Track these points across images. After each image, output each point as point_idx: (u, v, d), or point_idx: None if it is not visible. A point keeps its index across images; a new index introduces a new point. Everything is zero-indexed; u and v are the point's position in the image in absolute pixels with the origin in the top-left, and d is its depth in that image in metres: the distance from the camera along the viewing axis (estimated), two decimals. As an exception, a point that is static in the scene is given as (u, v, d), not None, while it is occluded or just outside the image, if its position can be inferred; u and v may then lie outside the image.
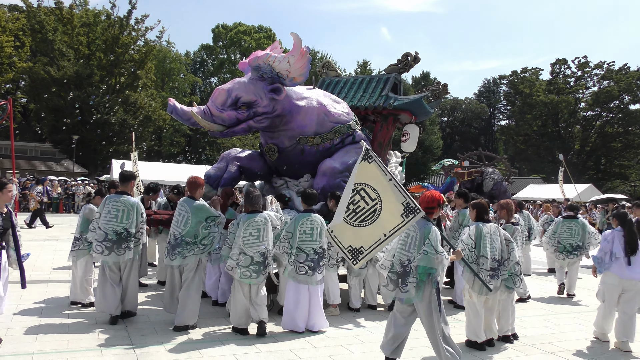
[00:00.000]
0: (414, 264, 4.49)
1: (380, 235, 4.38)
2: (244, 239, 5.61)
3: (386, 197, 4.37)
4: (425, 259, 4.41)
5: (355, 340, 5.77)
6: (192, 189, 5.97)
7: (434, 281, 4.44)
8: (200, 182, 6.06)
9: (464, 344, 5.75)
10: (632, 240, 5.92)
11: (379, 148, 8.23)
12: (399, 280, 4.58)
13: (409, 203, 4.29)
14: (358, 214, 4.47)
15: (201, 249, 5.86)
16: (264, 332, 5.68)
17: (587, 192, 29.29)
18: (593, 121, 47.90)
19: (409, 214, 4.30)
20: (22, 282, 5.23)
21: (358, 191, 4.48)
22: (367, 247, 4.46)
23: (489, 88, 73.53)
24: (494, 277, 5.52)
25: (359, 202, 4.46)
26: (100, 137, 32.85)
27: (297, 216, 6.15)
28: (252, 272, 5.58)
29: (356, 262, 4.52)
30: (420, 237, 4.49)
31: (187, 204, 5.84)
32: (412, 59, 8.70)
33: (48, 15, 34.31)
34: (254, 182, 8.27)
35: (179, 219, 5.80)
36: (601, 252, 6.21)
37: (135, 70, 36.78)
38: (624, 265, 5.89)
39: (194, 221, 5.77)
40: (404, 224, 4.32)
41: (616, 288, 5.99)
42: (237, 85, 6.93)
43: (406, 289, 4.50)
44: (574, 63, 48.31)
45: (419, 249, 4.49)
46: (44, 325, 5.71)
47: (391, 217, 4.34)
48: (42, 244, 12.48)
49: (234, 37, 53.77)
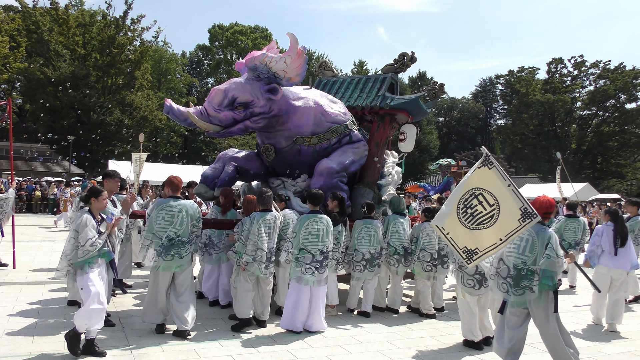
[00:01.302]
0: (532, 268, 4.56)
1: (496, 239, 4.50)
2: (259, 236, 5.90)
3: (504, 202, 4.49)
4: (549, 263, 4.50)
5: (353, 340, 5.77)
6: (176, 189, 5.82)
7: (554, 284, 4.54)
8: (181, 180, 5.94)
9: (460, 344, 5.77)
10: (623, 233, 6.73)
11: (376, 148, 8.23)
12: (510, 284, 4.64)
13: (526, 208, 4.41)
14: (475, 217, 4.59)
15: (194, 248, 5.84)
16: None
17: (584, 191, 29.34)
18: (589, 120, 48.02)
19: (526, 219, 4.40)
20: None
21: (476, 195, 4.61)
22: (482, 250, 4.59)
23: (485, 87, 73.62)
24: (487, 281, 5.57)
25: (477, 207, 4.59)
26: (96, 138, 32.75)
27: (303, 217, 6.16)
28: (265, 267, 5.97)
29: (470, 262, 4.66)
30: (541, 242, 4.59)
31: (180, 204, 5.67)
32: (408, 59, 8.70)
33: (44, 16, 34.12)
34: (250, 182, 8.26)
35: (173, 220, 5.58)
36: (593, 246, 6.98)
37: (131, 71, 36.64)
38: (611, 257, 6.72)
39: (188, 220, 5.67)
40: (519, 229, 4.43)
41: (606, 277, 6.79)
42: (234, 85, 6.92)
43: (520, 292, 4.56)
44: (570, 62, 48.38)
45: (535, 253, 4.58)
46: (40, 326, 5.69)
47: (508, 221, 4.45)
48: (39, 245, 12.45)
49: (230, 38, 53.67)
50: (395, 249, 7.04)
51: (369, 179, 8.17)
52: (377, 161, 8.22)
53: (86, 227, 4.83)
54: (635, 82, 44.08)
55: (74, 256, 4.86)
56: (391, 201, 7.40)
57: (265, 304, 6.18)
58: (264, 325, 6.14)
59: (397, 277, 7.23)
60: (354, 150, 7.77)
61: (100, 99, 33.95)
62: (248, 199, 6.49)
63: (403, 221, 7.19)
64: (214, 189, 7.37)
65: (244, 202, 6.56)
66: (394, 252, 7.04)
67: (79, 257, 4.82)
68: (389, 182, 8.58)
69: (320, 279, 6.02)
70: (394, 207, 7.38)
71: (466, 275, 5.60)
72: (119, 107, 34.95)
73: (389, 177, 8.62)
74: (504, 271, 4.70)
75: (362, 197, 7.82)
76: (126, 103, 35.61)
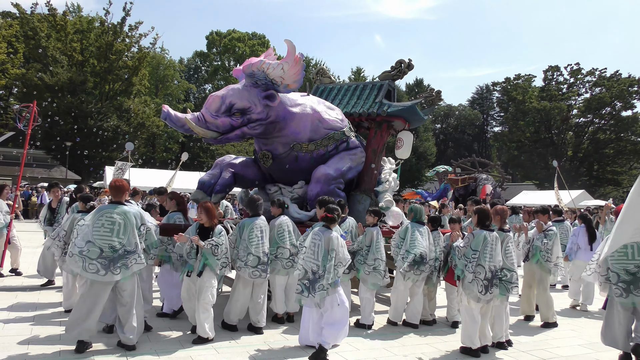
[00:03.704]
0: None
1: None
2: (250, 241, 5.93)
3: None
4: None
5: (350, 347, 5.75)
6: (118, 193, 5.32)
7: None
8: (127, 186, 5.48)
9: (458, 351, 5.75)
10: (592, 233, 8.70)
11: (373, 155, 8.25)
12: (630, 287, 5.30)
13: None
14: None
15: (149, 256, 5.47)
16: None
17: (580, 198, 29.42)
18: (585, 128, 48.17)
19: None
20: None
21: None
22: None
23: (482, 95, 73.87)
24: (493, 287, 5.57)
25: None
26: (93, 144, 32.71)
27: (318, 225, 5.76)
28: (260, 272, 5.95)
29: None
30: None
31: (122, 211, 5.18)
32: (405, 66, 8.74)
33: (41, 22, 34.16)
34: (248, 188, 8.25)
35: (114, 228, 5.06)
36: (571, 244, 8.91)
37: (129, 77, 36.68)
38: (585, 252, 8.46)
39: (130, 228, 5.17)
40: None
41: (581, 269, 7.63)
42: (231, 91, 6.94)
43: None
44: (567, 70, 48.59)
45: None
46: (36, 333, 5.65)
47: None
48: (34, 251, 12.37)
49: (228, 44, 53.78)
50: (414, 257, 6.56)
51: (366, 185, 8.18)
52: (374, 168, 8.23)
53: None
54: (631, 89, 44.28)
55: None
56: (413, 209, 6.97)
57: (259, 310, 6.12)
58: (260, 332, 6.09)
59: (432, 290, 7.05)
60: (351, 157, 7.78)
61: (98, 105, 33.95)
62: (205, 206, 5.78)
63: (422, 230, 6.76)
64: (211, 195, 7.36)
65: (200, 209, 5.79)
66: (413, 261, 6.56)
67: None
68: (386, 189, 8.58)
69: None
70: (415, 216, 6.89)
71: (480, 282, 5.54)
72: (117, 113, 34.95)
73: (386, 184, 8.63)
74: (613, 277, 5.40)
75: (359, 203, 7.81)
76: (123, 109, 35.64)
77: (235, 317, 6.14)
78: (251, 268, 5.89)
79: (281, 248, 6.36)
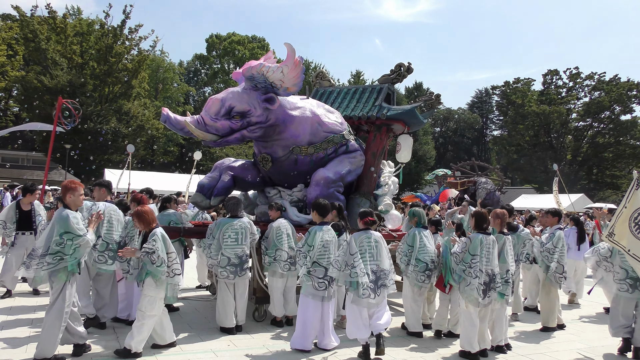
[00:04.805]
0: None
1: None
2: (223, 242, 6.08)
3: None
4: None
5: (350, 351, 5.73)
6: (63, 194, 5.03)
7: None
8: (73, 186, 5.05)
9: (457, 355, 5.75)
10: (582, 235, 9.52)
11: (372, 158, 8.24)
12: (636, 284, 5.93)
13: None
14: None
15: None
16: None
17: (580, 202, 29.45)
18: (584, 131, 48.31)
19: None
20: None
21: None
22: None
23: (481, 98, 73.99)
24: (491, 290, 5.57)
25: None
26: (92, 146, 32.70)
27: (315, 228, 5.78)
28: (229, 272, 6.04)
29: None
30: None
31: (56, 214, 4.93)
32: (405, 70, 8.74)
33: (41, 24, 34.18)
34: (247, 191, 8.25)
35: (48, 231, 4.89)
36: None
37: (128, 80, 36.66)
38: (575, 252, 9.31)
39: (53, 231, 4.83)
40: None
41: (571, 267, 9.00)
42: (231, 94, 6.94)
43: None
44: (566, 74, 48.76)
45: None
46: (34, 335, 5.64)
47: None
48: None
49: (227, 47, 53.84)
50: (426, 265, 6.36)
51: (365, 188, 8.17)
52: (373, 171, 8.23)
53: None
54: (630, 93, 44.46)
55: None
56: (416, 214, 6.77)
57: (241, 308, 6.29)
58: (239, 329, 6.24)
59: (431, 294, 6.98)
60: (350, 160, 7.78)
61: (97, 107, 33.93)
62: (136, 212, 5.35)
63: (427, 234, 6.62)
64: (210, 198, 7.36)
65: (133, 218, 5.47)
66: (425, 268, 6.35)
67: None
68: (385, 192, 8.58)
69: (330, 293, 5.71)
70: (420, 220, 6.72)
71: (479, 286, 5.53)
72: (116, 115, 34.95)
73: (385, 187, 8.62)
74: (622, 274, 6.05)
75: (359, 207, 7.80)
76: (123, 112, 35.62)
77: (226, 319, 6.14)
78: (220, 268, 6.05)
79: (279, 251, 6.37)
